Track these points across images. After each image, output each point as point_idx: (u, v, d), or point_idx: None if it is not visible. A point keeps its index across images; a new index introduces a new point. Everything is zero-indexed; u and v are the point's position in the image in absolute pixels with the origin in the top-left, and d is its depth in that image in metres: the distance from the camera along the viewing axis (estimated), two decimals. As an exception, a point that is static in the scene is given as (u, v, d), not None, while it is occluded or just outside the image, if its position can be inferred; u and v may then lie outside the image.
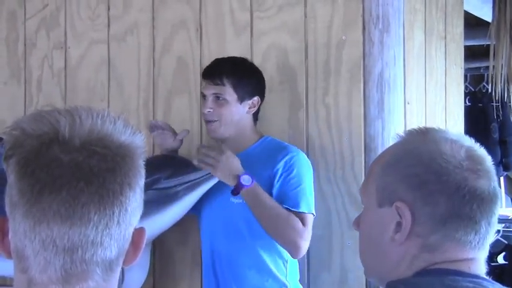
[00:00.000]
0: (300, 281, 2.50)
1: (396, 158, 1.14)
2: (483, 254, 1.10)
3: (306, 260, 2.56)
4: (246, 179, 2.29)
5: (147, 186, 2.55)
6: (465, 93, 4.74)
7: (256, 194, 2.31)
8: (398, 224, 1.09)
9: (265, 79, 2.64)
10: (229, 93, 2.41)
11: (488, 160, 1.12)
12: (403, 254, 1.09)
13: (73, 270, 0.87)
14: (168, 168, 2.44)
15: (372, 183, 1.15)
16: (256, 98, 2.47)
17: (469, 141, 1.14)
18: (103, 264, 0.88)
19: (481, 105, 5.46)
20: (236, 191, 2.30)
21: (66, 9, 3.03)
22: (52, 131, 0.88)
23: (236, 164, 2.31)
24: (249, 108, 2.46)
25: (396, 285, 1.08)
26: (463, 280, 1.04)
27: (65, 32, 3.04)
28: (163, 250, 2.78)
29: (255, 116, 2.51)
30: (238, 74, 2.45)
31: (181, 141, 2.56)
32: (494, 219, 1.10)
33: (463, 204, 1.07)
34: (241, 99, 2.43)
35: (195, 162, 2.33)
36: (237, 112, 2.43)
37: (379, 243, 1.12)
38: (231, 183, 2.30)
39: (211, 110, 2.41)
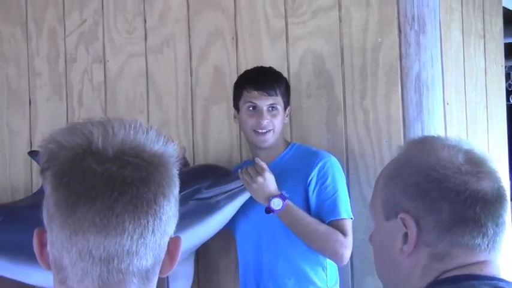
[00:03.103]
0: (344, 285, 2.48)
1: (396, 170, 1.14)
2: (496, 255, 1.08)
3: (349, 265, 2.54)
4: (276, 203, 2.30)
5: (188, 197, 2.57)
6: (508, 91, 4.66)
7: (290, 214, 2.31)
8: (406, 235, 1.09)
9: (303, 84, 2.66)
10: (279, 102, 2.42)
11: (489, 161, 1.11)
12: (413, 265, 1.09)
13: (110, 280, 0.87)
14: (209, 178, 2.45)
15: (377, 198, 1.16)
16: (289, 106, 2.49)
17: (468, 145, 1.13)
18: (139, 274, 0.88)
19: (525, 103, 5.35)
20: (268, 211, 2.32)
21: (104, 24, 3.07)
22: (86, 142, 0.89)
23: (271, 185, 2.31)
24: (286, 116, 2.48)
25: None
26: (478, 284, 1.03)
27: (103, 46, 3.08)
28: (207, 259, 2.79)
29: None
30: (284, 83, 2.47)
31: (184, 158, 2.57)
32: (502, 220, 1.08)
33: (466, 208, 1.06)
34: (285, 108, 2.45)
35: (239, 171, 2.36)
36: (283, 120, 2.45)
37: (391, 256, 1.12)
38: (264, 203, 2.33)
39: (268, 121, 2.40)
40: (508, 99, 4.09)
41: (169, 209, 0.91)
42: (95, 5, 3.09)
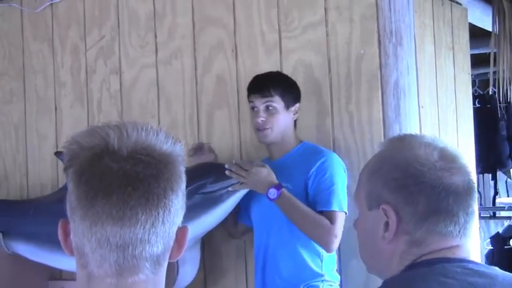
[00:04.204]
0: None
1: (378, 165, 1.13)
2: (467, 240, 1.08)
3: (337, 249, 2.53)
4: (271, 193, 2.29)
5: (195, 191, 2.56)
6: (474, 96, 4.66)
7: (284, 201, 2.30)
8: (387, 224, 1.08)
9: (294, 92, 2.65)
10: (277, 102, 2.38)
11: (461, 157, 1.11)
12: (393, 250, 1.08)
13: (125, 264, 0.86)
14: (213, 175, 2.45)
15: (361, 190, 1.15)
16: (297, 105, 2.45)
17: (443, 143, 1.13)
18: (151, 259, 0.88)
19: (489, 106, 5.36)
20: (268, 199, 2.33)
21: (120, 39, 3.07)
22: (103, 143, 0.88)
23: (265, 177, 2.31)
24: (294, 114, 2.44)
25: (389, 281, 1.07)
26: (449, 266, 1.03)
27: (119, 59, 3.07)
28: (212, 247, 2.78)
29: (295, 123, 2.48)
30: (283, 84, 2.43)
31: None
32: (471, 209, 1.08)
33: (440, 201, 1.06)
34: (287, 107, 2.40)
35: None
36: (285, 118, 2.41)
37: (373, 242, 1.12)
38: (263, 193, 2.32)
39: (264, 119, 2.39)
40: (474, 103, 4.09)
41: (177, 202, 0.90)
42: (112, 22, 3.09)
